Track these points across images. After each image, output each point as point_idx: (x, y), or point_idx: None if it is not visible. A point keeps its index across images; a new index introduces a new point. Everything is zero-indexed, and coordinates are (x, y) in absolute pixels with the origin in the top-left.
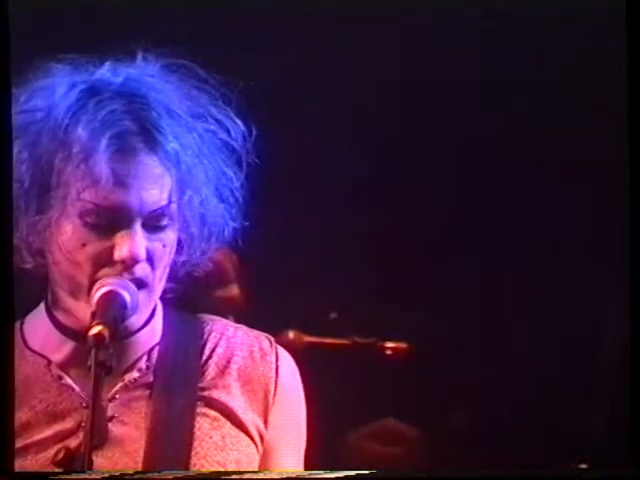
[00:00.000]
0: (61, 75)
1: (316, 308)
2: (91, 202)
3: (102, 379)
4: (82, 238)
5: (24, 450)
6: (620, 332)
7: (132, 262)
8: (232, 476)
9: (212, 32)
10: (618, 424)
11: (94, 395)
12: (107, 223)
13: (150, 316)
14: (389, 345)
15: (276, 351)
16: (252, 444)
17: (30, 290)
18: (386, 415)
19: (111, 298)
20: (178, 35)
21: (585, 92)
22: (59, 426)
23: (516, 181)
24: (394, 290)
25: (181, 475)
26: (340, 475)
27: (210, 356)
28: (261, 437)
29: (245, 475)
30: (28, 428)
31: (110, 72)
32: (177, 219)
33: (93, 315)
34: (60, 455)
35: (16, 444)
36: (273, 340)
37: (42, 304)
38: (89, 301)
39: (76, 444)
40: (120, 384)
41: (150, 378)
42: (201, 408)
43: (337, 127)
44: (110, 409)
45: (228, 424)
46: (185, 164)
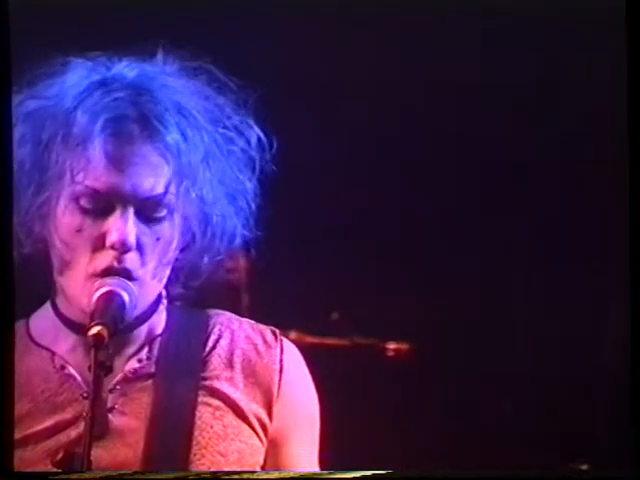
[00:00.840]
0: (80, 69)
1: (318, 309)
2: (85, 185)
3: (102, 379)
4: (77, 222)
5: (24, 441)
6: (620, 332)
7: (121, 247)
8: (232, 476)
9: (232, 35)
10: (619, 424)
11: (94, 395)
12: (101, 207)
13: (153, 308)
14: (391, 346)
15: (281, 344)
16: (254, 435)
17: (31, 281)
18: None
19: (110, 298)
20: (199, 38)
21: (585, 92)
22: (59, 416)
23: (516, 181)
24: (395, 291)
25: (181, 475)
26: (357, 475)
27: (214, 347)
28: (264, 429)
29: (244, 475)
30: (29, 419)
31: (126, 68)
32: (176, 214)
33: (92, 315)
34: (59, 455)
35: (16, 435)
36: (278, 332)
37: (49, 300)
38: (86, 288)
39: (75, 435)
40: (120, 375)
41: (151, 369)
42: (203, 397)
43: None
44: (110, 400)
45: (230, 414)
46: (187, 159)
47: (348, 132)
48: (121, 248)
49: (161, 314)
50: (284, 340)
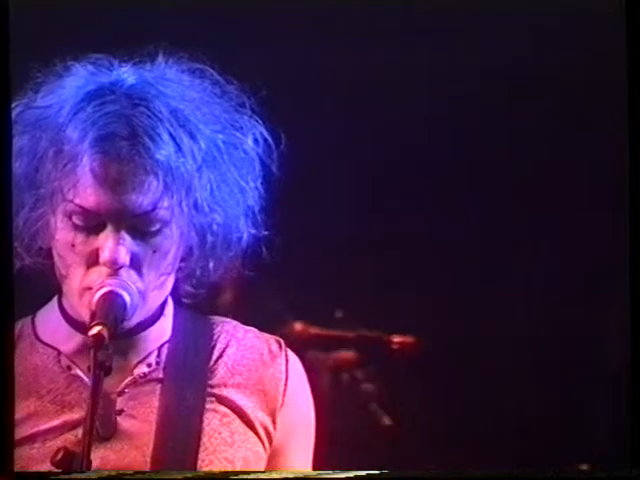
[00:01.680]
0: (80, 75)
1: (322, 308)
2: (75, 203)
3: (102, 379)
4: (71, 238)
5: (30, 439)
6: (620, 332)
7: (113, 265)
8: (232, 477)
9: (233, 36)
10: (619, 425)
11: (93, 395)
12: (93, 225)
13: (159, 314)
14: (396, 339)
15: (286, 354)
16: (259, 443)
17: (30, 287)
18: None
19: (111, 299)
20: (200, 40)
21: (585, 92)
22: (67, 416)
23: (517, 181)
24: (399, 286)
25: (181, 477)
26: (350, 475)
27: (220, 356)
28: (269, 437)
29: (241, 476)
30: (35, 417)
31: (126, 73)
32: (172, 225)
33: (93, 315)
34: (59, 456)
35: (23, 433)
36: (283, 343)
37: (56, 297)
38: (84, 299)
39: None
40: (129, 378)
41: (160, 374)
42: (211, 404)
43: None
44: (119, 403)
45: (238, 421)
46: (181, 170)
47: (352, 132)
48: (113, 266)
49: (168, 317)
50: (288, 350)
